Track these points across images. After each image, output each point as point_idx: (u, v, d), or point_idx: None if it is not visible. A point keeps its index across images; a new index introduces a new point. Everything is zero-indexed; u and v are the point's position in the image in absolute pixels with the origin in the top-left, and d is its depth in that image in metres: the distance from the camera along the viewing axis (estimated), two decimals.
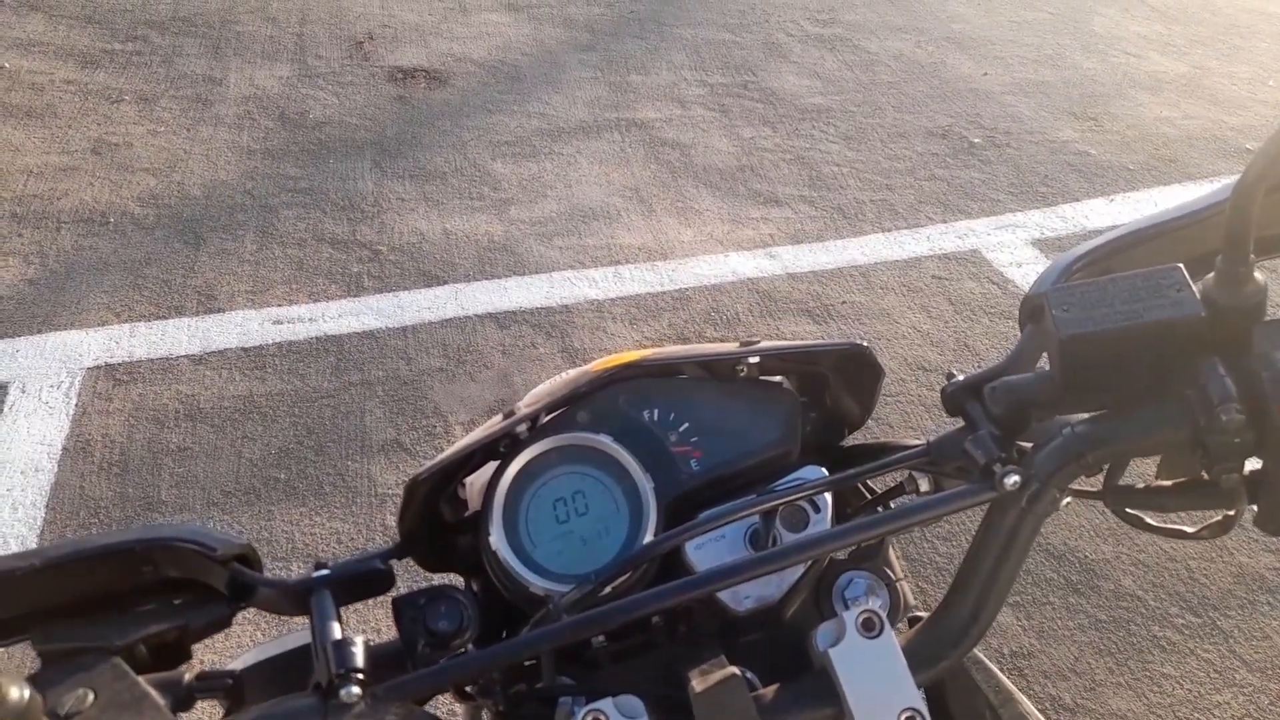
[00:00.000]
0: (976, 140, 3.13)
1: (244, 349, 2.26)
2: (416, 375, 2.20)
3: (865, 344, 0.58)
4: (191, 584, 0.50)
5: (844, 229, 2.72)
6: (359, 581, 0.53)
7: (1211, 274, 0.48)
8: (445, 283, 2.49)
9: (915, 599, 0.61)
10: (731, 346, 0.60)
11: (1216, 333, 0.46)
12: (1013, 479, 0.47)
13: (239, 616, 0.51)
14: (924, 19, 3.90)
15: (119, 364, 2.21)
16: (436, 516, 0.60)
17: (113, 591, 0.49)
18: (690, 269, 2.56)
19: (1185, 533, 0.51)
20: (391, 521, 1.86)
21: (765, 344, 0.59)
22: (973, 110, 3.29)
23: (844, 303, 2.46)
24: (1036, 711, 0.64)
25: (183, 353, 2.25)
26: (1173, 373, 0.46)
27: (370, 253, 2.59)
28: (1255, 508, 0.46)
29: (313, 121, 3.15)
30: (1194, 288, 0.47)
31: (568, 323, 2.37)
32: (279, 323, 2.35)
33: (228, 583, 0.50)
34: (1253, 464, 0.46)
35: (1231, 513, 0.48)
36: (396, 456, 2.00)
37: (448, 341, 2.31)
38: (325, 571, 0.51)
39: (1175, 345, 0.46)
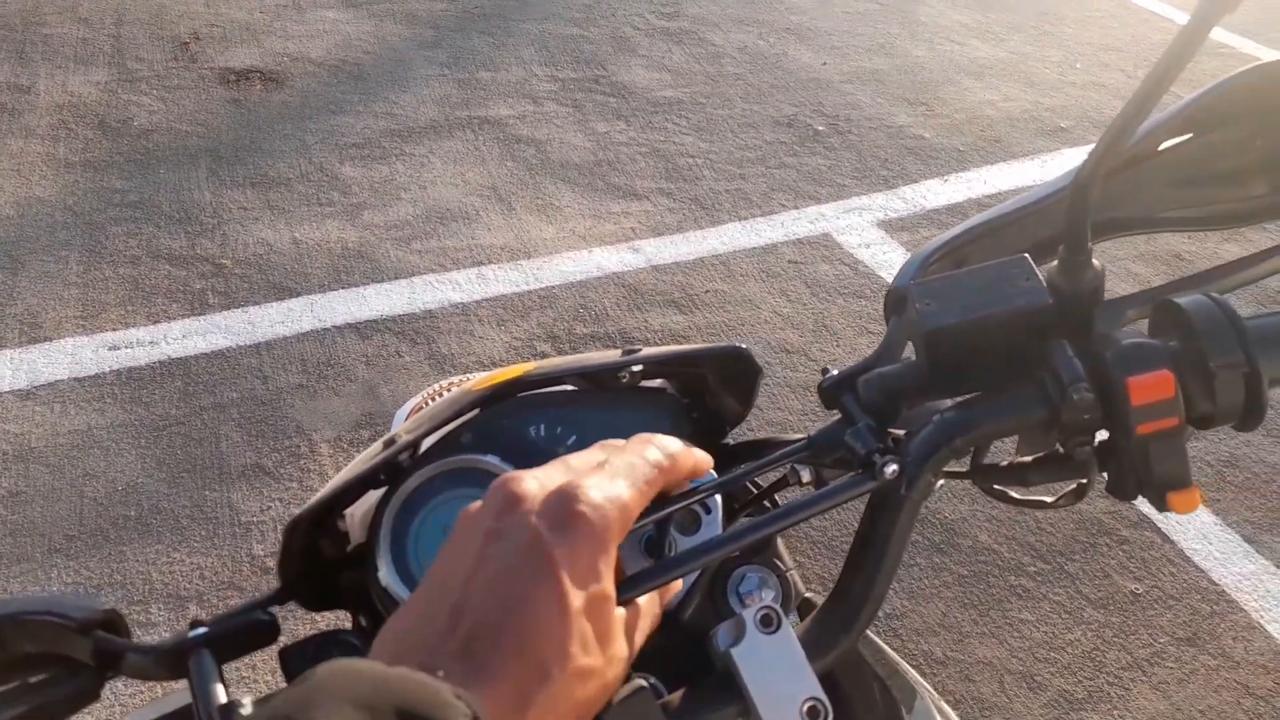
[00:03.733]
0: (821, 128, 3.26)
1: (77, 379, 2.09)
2: (274, 394, 2.10)
3: (745, 346, 0.59)
4: (50, 658, 0.46)
5: (702, 219, 2.77)
6: (241, 635, 0.50)
7: (1055, 262, 0.52)
8: (299, 294, 2.38)
9: (804, 585, 0.63)
10: (614, 355, 0.60)
11: (1063, 317, 0.50)
12: (891, 468, 0.49)
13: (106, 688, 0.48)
14: (764, 11, 4.02)
15: None
16: (317, 553, 0.58)
17: None
18: (555, 266, 2.55)
19: (1045, 503, 0.55)
20: (259, 550, 1.77)
21: (647, 351, 0.59)
22: (815, 99, 3.42)
23: (707, 291, 2.50)
24: (921, 679, 0.67)
25: (6, 388, 2.06)
26: (1028, 356, 0.49)
27: (213, 267, 2.44)
28: (1105, 475, 0.50)
29: (137, 129, 2.94)
30: (1040, 276, 0.51)
31: (433, 328, 2.31)
32: (115, 348, 2.18)
33: (92, 652, 0.46)
34: (1101, 435, 0.50)
35: (1085, 481, 0.52)
36: (259, 481, 1.90)
37: (306, 356, 2.21)
38: (202, 629, 0.48)
39: (1027, 331, 0.49)
